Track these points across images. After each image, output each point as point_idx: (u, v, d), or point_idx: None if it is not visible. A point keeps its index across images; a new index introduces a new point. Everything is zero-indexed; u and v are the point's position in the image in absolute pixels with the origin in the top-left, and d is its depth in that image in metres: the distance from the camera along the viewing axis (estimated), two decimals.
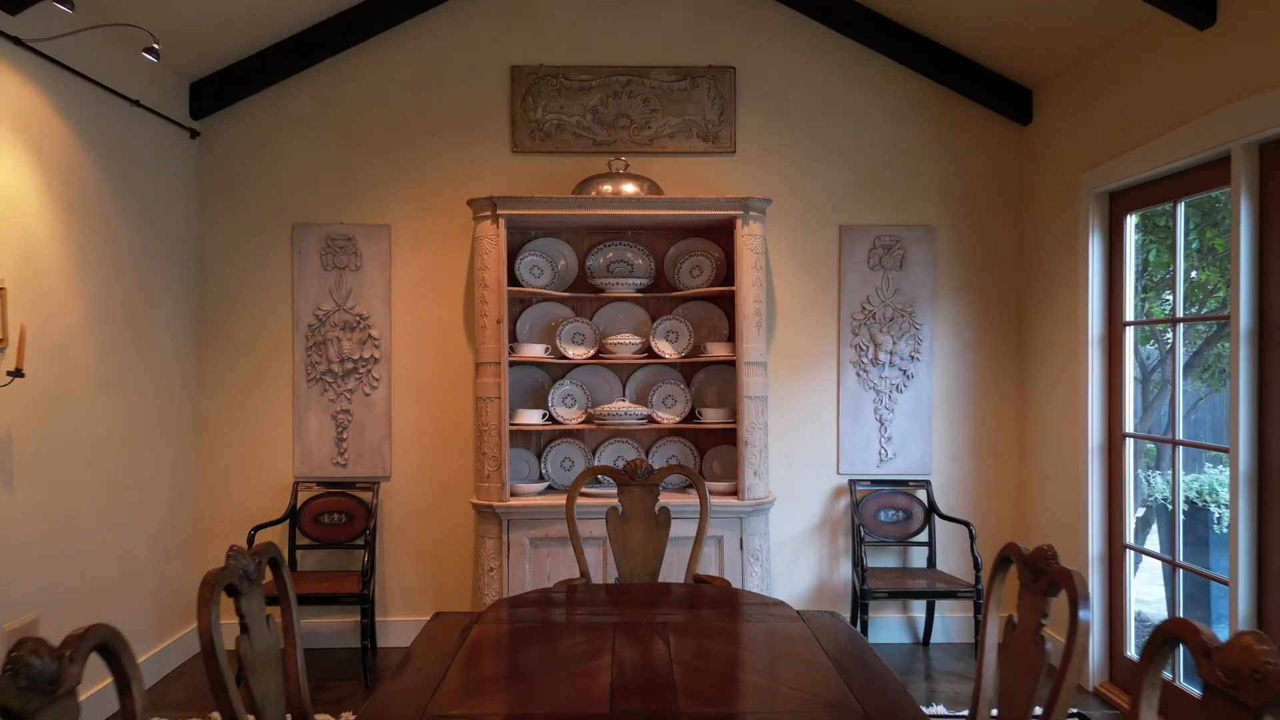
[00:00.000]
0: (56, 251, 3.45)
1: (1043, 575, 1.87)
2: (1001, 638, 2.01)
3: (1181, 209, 3.65)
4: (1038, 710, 1.77)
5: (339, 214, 4.65)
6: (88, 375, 3.66)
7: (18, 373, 3.06)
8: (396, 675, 2.02)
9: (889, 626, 4.74)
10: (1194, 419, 5.46)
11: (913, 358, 4.72)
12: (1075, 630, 1.70)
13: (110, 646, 1.42)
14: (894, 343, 4.70)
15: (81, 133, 3.60)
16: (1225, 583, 3.20)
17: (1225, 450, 3.21)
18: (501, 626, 2.40)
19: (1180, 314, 3.66)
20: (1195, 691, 3.36)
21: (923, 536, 4.64)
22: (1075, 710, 3.74)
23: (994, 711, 2.04)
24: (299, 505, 4.52)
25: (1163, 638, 1.46)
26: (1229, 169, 3.19)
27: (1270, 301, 3.08)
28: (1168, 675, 3.53)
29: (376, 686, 3.82)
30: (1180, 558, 3.66)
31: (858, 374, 4.72)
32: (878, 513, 4.63)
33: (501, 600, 2.70)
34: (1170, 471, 3.72)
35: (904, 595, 4.29)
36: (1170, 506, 3.74)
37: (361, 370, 4.64)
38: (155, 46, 3.21)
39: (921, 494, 4.67)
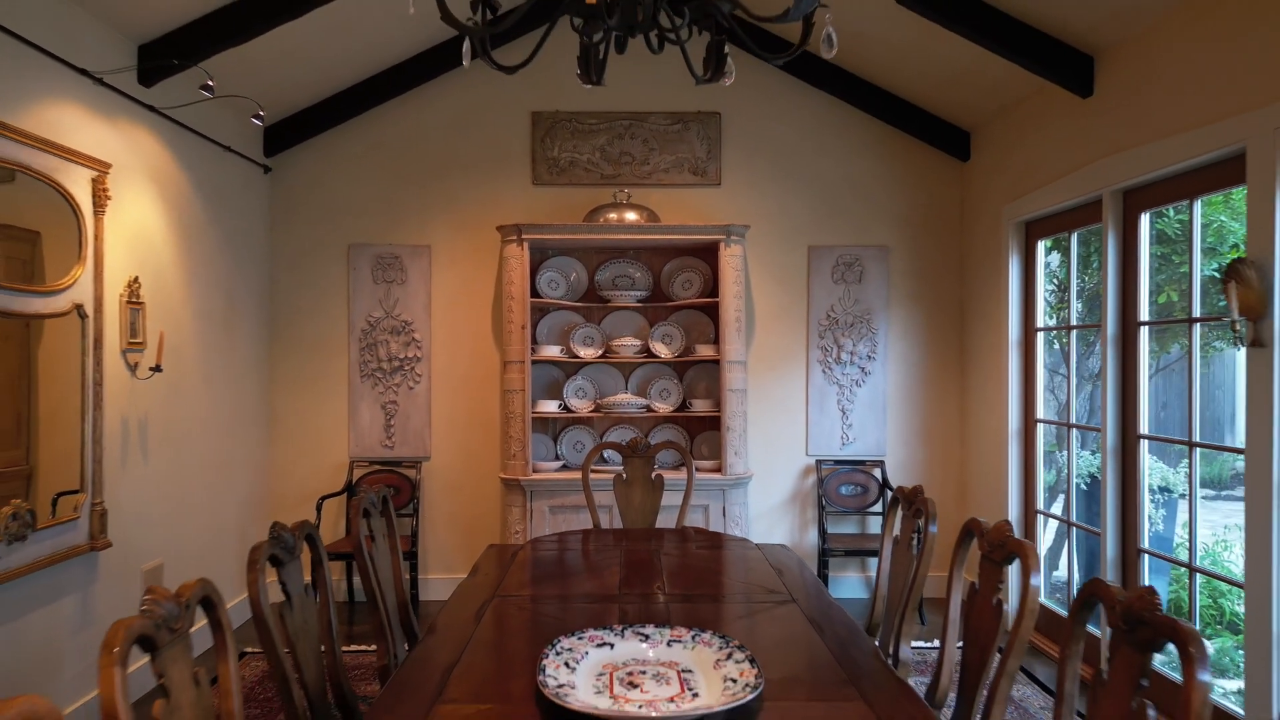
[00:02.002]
0: (176, 273, 4.33)
1: (913, 504, 2.75)
2: (891, 550, 2.89)
3: (1075, 237, 4.52)
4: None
5: (387, 236, 5.53)
6: (196, 372, 4.54)
7: (157, 368, 3.95)
8: (471, 576, 2.90)
9: (849, 584, 5.61)
10: (1169, 412, 6.32)
11: (870, 358, 5.59)
12: (926, 536, 2.58)
13: (313, 536, 2.30)
14: (854, 345, 5.58)
15: (191, 176, 4.48)
16: (1097, 533, 4.08)
17: (1098, 430, 4.09)
18: (539, 552, 3.28)
19: (1074, 322, 4.54)
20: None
21: (877, 507, 5.51)
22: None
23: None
24: (355, 480, 5.40)
25: (965, 530, 2.34)
26: (1101, 209, 4.07)
27: (1130, 314, 3.96)
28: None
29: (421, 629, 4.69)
30: (1075, 518, 4.52)
31: (823, 371, 5.59)
32: (839, 487, 5.51)
33: (534, 538, 3.58)
34: (1085, 452, 4.58)
35: (858, 554, 5.18)
36: (1075, 479, 4.59)
37: (406, 368, 5.52)
38: (261, 114, 4.08)
39: (877, 472, 5.54)
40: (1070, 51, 4.13)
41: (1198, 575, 3.56)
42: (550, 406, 5.29)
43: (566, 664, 1.95)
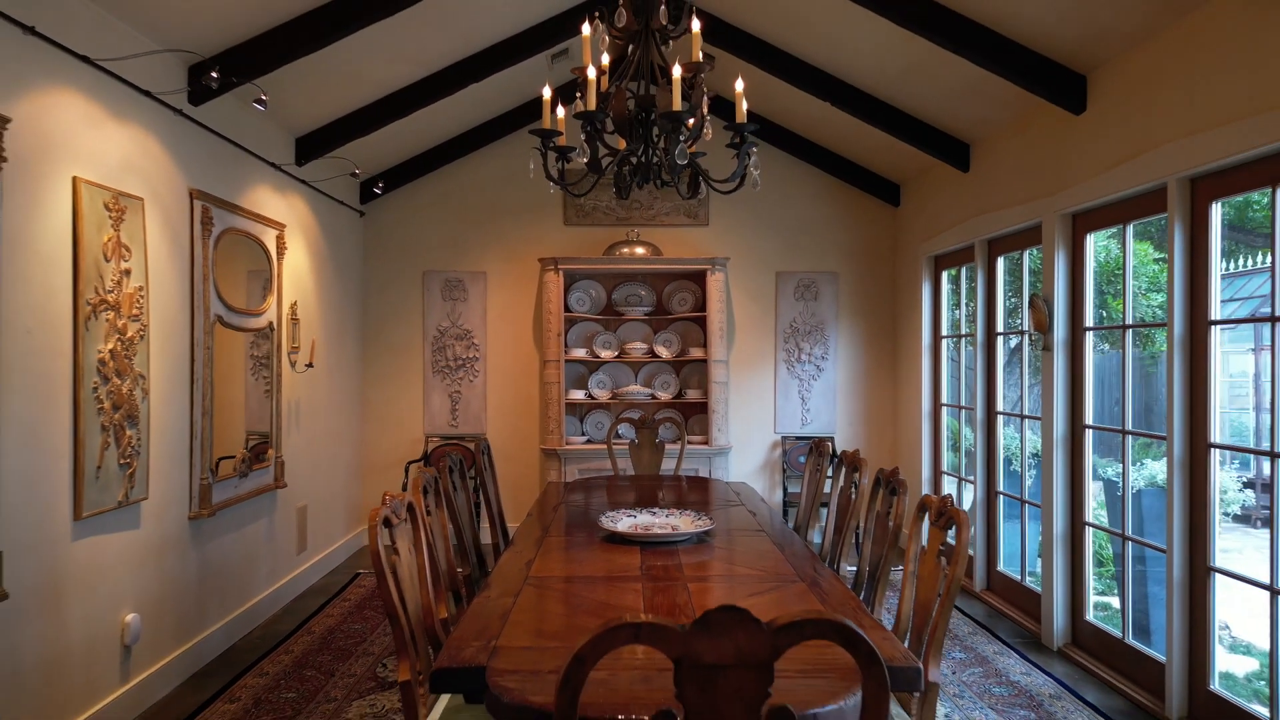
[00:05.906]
0: (313, 297, 6.02)
1: (819, 450, 4.42)
2: (809, 481, 4.57)
3: (964, 270, 6.20)
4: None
5: (453, 264, 7.21)
6: (324, 369, 6.22)
7: (310, 365, 5.64)
8: (541, 497, 4.58)
9: None
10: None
11: (823, 358, 7.27)
12: (824, 467, 4.25)
13: (460, 463, 3.97)
14: (811, 348, 7.25)
15: (319, 224, 6.16)
16: (972, 482, 5.75)
17: (971, 408, 5.77)
18: (579, 485, 4.97)
19: (963, 331, 6.22)
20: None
21: (829, 472, 7.17)
22: None
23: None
24: (429, 451, 7.08)
25: (839, 459, 4.00)
26: (974, 252, 5.75)
27: (992, 327, 5.63)
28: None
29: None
30: (965, 475, 6.18)
31: (787, 368, 7.27)
32: (799, 457, 7.18)
33: (573, 480, 5.26)
34: (980, 429, 6.24)
35: None
36: (964, 446, 6.25)
37: (467, 365, 7.20)
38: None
39: (828, 445, 7.19)
40: (953, 140, 5.81)
41: (1027, 505, 5.24)
42: (578, 395, 6.96)
43: (610, 520, 3.62)
